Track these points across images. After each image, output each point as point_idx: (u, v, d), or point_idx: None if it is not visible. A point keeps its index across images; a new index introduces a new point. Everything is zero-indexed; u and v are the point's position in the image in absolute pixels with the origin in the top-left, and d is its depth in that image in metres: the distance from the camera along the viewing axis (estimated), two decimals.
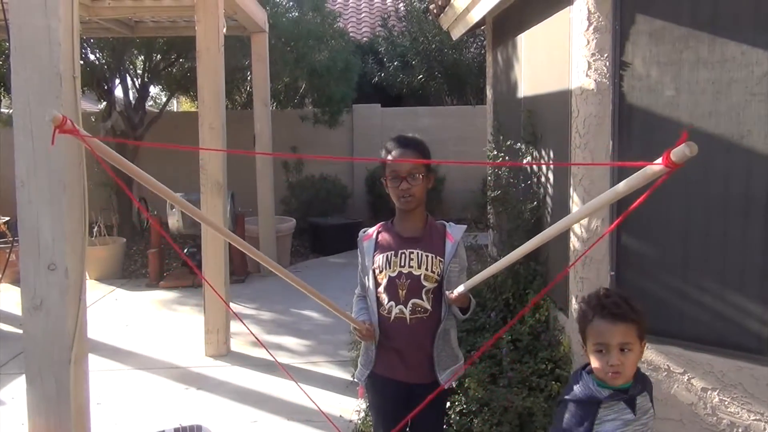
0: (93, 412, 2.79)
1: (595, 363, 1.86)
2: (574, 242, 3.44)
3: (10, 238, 8.08)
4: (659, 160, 1.27)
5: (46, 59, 2.33)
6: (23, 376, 2.59)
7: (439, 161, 2.31)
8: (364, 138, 10.75)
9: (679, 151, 1.23)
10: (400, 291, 2.42)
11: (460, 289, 2.31)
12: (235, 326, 5.63)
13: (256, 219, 8.03)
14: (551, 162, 4.05)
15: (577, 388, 1.91)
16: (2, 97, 9.51)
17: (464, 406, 3.31)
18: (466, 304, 2.40)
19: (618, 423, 1.85)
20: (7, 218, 8.62)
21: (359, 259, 2.60)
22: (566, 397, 1.94)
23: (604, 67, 3.21)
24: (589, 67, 3.26)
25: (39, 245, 2.41)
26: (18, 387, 4.54)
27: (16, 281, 6.81)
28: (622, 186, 1.46)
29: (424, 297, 2.41)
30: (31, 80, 2.33)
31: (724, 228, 2.96)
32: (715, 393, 2.98)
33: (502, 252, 4.57)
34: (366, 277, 2.54)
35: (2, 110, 9.56)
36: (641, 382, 1.89)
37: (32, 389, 2.53)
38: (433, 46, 11.19)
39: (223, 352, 5.23)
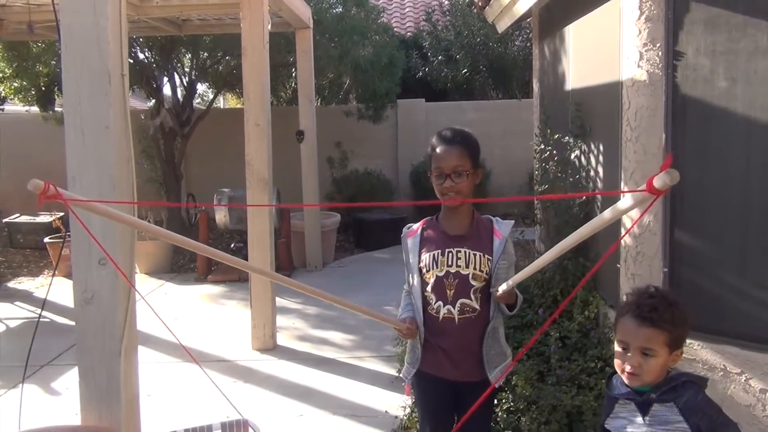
0: (143, 403, 2.84)
1: (616, 359, 1.84)
2: (625, 238, 3.35)
3: (65, 233, 8.32)
4: (643, 187, 1.30)
5: (95, 57, 2.37)
6: (77, 367, 2.65)
7: (480, 200, 2.24)
8: (408, 133, 10.72)
9: (660, 179, 1.27)
10: (448, 291, 2.38)
11: (504, 287, 2.24)
12: (281, 320, 5.68)
13: (301, 214, 8.09)
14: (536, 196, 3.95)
15: (607, 381, 1.95)
16: (56, 97, 9.78)
17: (512, 404, 3.26)
18: (512, 300, 2.34)
19: (625, 422, 1.84)
20: (62, 213, 8.88)
21: (403, 256, 2.56)
22: None
23: (656, 58, 3.11)
24: (641, 58, 3.16)
25: (90, 240, 2.45)
26: (72, 377, 4.65)
27: (69, 275, 7.01)
28: (608, 213, 1.49)
29: (472, 296, 2.37)
30: (81, 79, 2.36)
31: None
32: None
33: (550, 248, 4.49)
34: (411, 275, 2.50)
35: (56, 109, 9.83)
36: (672, 393, 1.78)
37: (84, 381, 2.58)
38: (478, 39, 11.07)
39: (270, 346, 5.28)
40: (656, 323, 1.76)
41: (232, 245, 7.91)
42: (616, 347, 1.84)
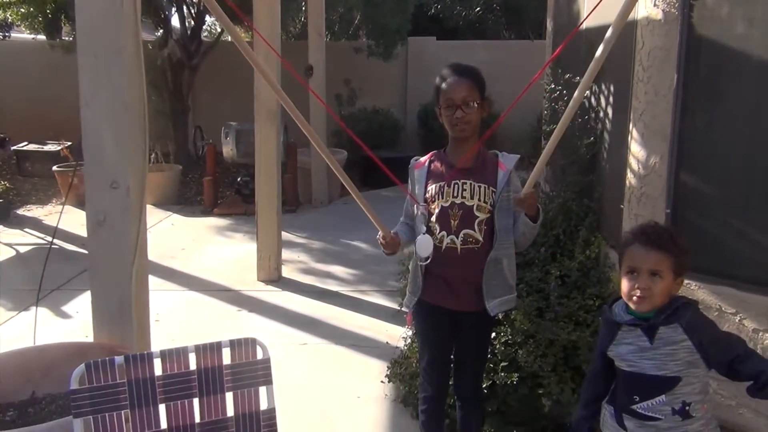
0: (151, 327, 2.93)
1: (624, 285, 1.94)
2: (630, 179, 3.37)
3: (73, 161, 8.36)
4: None
5: None
6: (87, 292, 2.72)
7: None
8: (418, 71, 10.60)
9: None
10: (452, 221, 2.43)
11: (525, 189, 2.33)
12: (286, 254, 5.77)
13: (308, 150, 8.09)
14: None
15: (606, 310, 2.06)
16: (63, 24, 9.65)
17: (510, 338, 3.34)
18: (534, 210, 2.37)
19: (633, 348, 1.95)
20: (69, 143, 8.90)
21: (409, 186, 2.61)
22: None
23: None
24: None
25: (102, 164, 2.50)
26: (82, 301, 4.78)
27: (78, 203, 7.10)
28: None
29: (476, 228, 2.42)
30: (94, 1, 2.36)
31: None
32: (767, 335, 2.94)
33: (556, 188, 4.52)
34: (415, 206, 2.56)
35: (63, 37, 9.71)
36: (674, 314, 1.90)
37: (96, 302, 2.66)
38: None
39: (275, 278, 5.38)
40: (663, 246, 1.89)
41: (239, 179, 7.95)
42: (624, 274, 1.95)
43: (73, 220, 6.08)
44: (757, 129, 2.93)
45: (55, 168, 8.20)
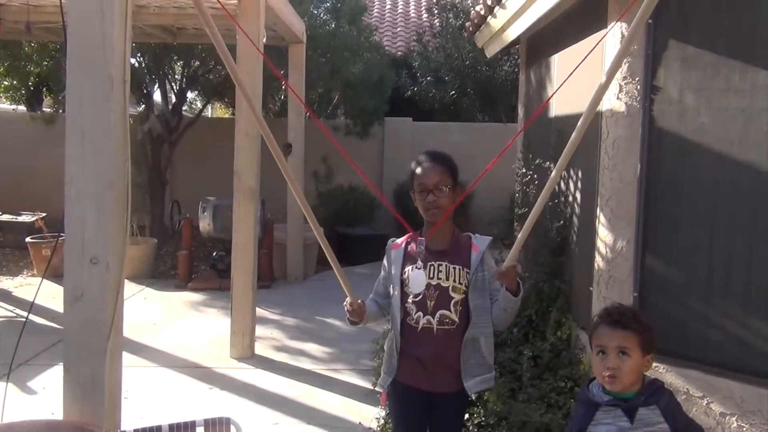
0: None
1: (595, 367, 2.01)
2: (598, 262, 3.48)
3: (47, 233, 8.30)
4: None
5: (100, 62, 2.46)
6: (54, 367, 2.70)
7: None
8: (394, 150, 10.84)
9: None
10: (429, 302, 2.49)
11: (507, 262, 2.36)
12: (260, 330, 5.73)
13: (284, 226, 8.15)
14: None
15: (583, 390, 2.09)
16: (44, 97, 9.77)
17: (483, 419, 3.35)
18: (515, 284, 2.40)
19: (612, 428, 1.98)
20: (44, 214, 8.87)
21: (385, 266, 2.68)
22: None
23: (635, 91, 3.26)
24: (621, 90, 3.31)
25: (83, 239, 2.53)
26: (49, 377, 4.67)
27: (50, 276, 6.99)
28: None
29: (452, 308, 2.48)
30: (85, 82, 2.46)
31: (750, 254, 2.98)
32: (734, 419, 2.99)
33: (528, 269, 4.61)
34: (392, 287, 2.61)
35: (44, 109, 9.83)
36: (653, 397, 1.96)
37: (69, 377, 2.64)
38: (467, 62, 11.26)
39: (248, 355, 5.32)
40: (627, 325, 1.97)
41: (215, 253, 7.95)
42: (594, 355, 2.01)
43: (44, 292, 5.98)
44: (717, 215, 3.07)
45: (28, 239, 8.13)
